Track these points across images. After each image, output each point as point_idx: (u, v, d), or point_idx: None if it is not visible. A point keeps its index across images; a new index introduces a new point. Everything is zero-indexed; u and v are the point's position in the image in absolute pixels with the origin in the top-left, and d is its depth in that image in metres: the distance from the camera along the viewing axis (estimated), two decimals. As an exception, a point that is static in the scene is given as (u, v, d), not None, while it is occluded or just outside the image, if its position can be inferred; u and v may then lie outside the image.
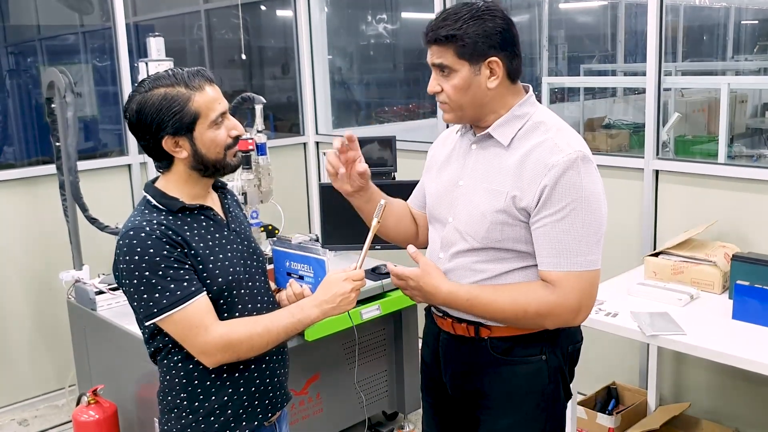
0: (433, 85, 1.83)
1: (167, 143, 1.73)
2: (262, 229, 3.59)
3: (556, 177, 1.71)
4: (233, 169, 1.83)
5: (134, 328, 1.89)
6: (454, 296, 1.82)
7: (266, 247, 3.31)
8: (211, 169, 1.80)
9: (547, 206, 1.73)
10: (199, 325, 1.71)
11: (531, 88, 1.89)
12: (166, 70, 1.76)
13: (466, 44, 1.74)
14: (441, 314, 1.97)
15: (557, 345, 1.89)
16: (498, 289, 1.82)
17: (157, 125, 1.71)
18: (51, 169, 3.81)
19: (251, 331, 1.75)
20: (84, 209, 3.54)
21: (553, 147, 1.75)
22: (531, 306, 1.77)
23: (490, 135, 1.84)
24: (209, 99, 1.74)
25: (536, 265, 1.81)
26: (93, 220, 3.55)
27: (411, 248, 1.85)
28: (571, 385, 2.00)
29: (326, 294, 1.81)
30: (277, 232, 3.67)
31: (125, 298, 1.80)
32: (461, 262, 1.88)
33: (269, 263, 2.64)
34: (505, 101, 1.83)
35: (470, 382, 1.95)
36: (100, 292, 3.26)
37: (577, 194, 1.72)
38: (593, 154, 1.83)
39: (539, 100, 1.90)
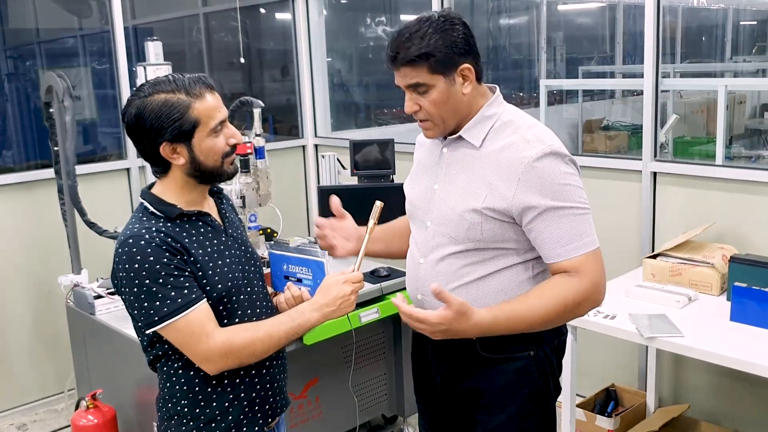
0: (410, 106, 1.84)
1: (165, 149, 1.73)
2: (261, 232, 3.59)
3: (531, 172, 1.74)
4: (230, 177, 1.83)
5: (133, 332, 1.89)
6: (491, 327, 1.76)
7: (265, 251, 3.31)
8: (208, 177, 1.79)
9: (536, 203, 1.75)
10: (201, 332, 1.70)
11: (497, 88, 1.91)
12: (166, 76, 1.74)
13: (438, 59, 1.75)
14: None
15: (544, 340, 1.91)
16: (526, 298, 1.79)
17: (156, 131, 1.70)
18: (49, 173, 3.81)
19: (252, 337, 1.75)
20: (82, 213, 3.54)
21: (525, 143, 1.77)
22: (569, 299, 1.77)
23: (460, 137, 1.86)
24: (209, 107, 1.74)
25: (521, 263, 1.84)
26: (91, 225, 3.55)
27: (435, 286, 1.70)
28: (560, 378, 2.02)
29: (326, 297, 1.81)
30: (275, 235, 3.67)
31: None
32: (444, 267, 1.88)
33: (266, 267, 2.64)
34: (475, 102, 1.85)
35: (461, 382, 1.96)
36: (99, 297, 3.26)
37: (559, 183, 1.75)
38: (591, 155, 1.84)
39: (537, 102, 1.92)
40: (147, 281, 1.67)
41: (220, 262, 1.80)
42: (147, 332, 1.74)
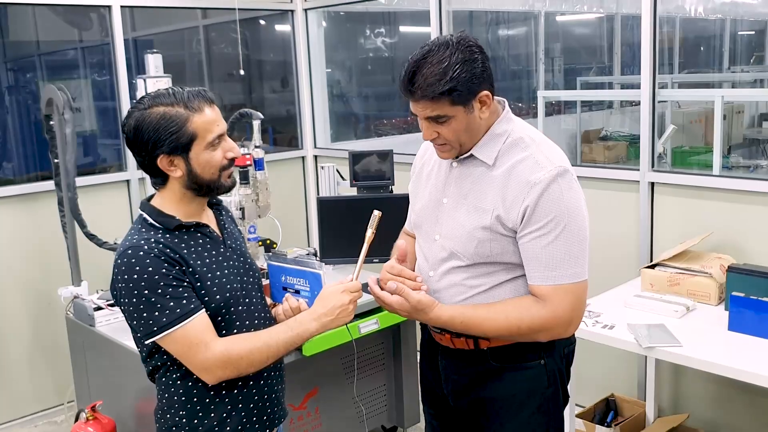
0: (428, 134, 1.82)
1: (162, 162, 1.74)
2: (260, 243, 3.60)
3: (539, 194, 1.74)
4: (227, 190, 1.85)
5: (133, 344, 1.89)
6: (450, 324, 1.86)
7: (264, 262, 3.32)
8: (205, 189, 1.81)
9: (532, 223, 1.76)
10: (199, 342, 1.71)
11: (506, 103, 1.90)
12: (167, 89, 1.76)
13: (461, 92, 1.72)
14: (438, 330, 1.98)
15: (554, 348, 1.93)
16: (490, 308, 1.84)
17: (154, 143, 1.72)
18: (50, 185, 3.82)
19: (251, 347, 1.76)
20: (82, 225, 3.55)
21: (534, 164, 1.78)
22: (524, 322, 1.80)
23: (472, 155, 1.85)
24: (207, 121, 1.75)
25: (521, 276, 1.85)
26: (91, 236, 3.56)
27: (390, 284, 1.86)
28: (567, 386, 2.03)
29: (324, 307, 1.82)
30: (275, 246, 3.68)
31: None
32: (452, 279, 1.90)
33: (265, 278, 2.65)
34: (487, 123, 1.85)
35: (472, 392, 1.97)
36: (99, 308, 3.26)
37: (560, 209, 1.75)
38: (590, 165, 1.86)
39: (536, 113, 1.93)
40: (146, 292, 1.68)
41: (218, 273, 1.81)
42: (146, 342, 1.75)
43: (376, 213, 1.91)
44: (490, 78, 1.79)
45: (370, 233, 1.89)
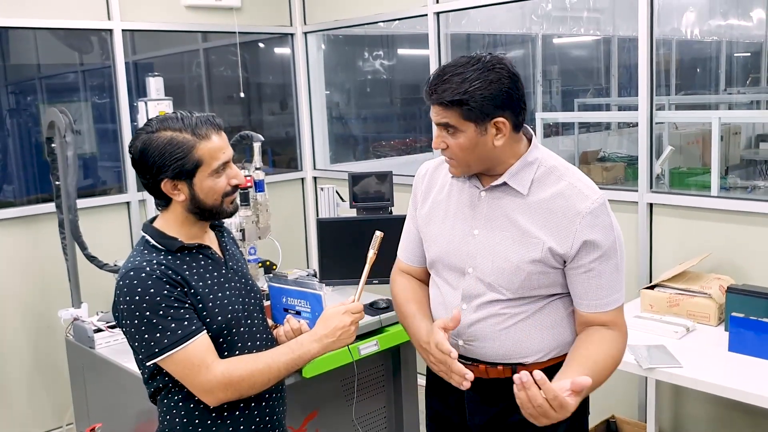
0: (438, 143, 1.81)
1: (166, 185, 1.76)
2: (260, 265, 3.60)
3: (592, 223, 1.76)
4: (229, 216, 1.86)
5: (132, 366, 1.90)
6: (589, 390, 1.70)
7: (264, 284, 3.32)
8: (207, 214, 1.82)
9: (589, 253, 1.77)
10: (201, 363, 1.71)
11: (532, 133, 1.88)
12: (175, 112, 1.77)
13: (472, 108, 1.70)
14: (471, 362, 1.89)
15: None
16: (588, 356, 1.76)
17: (158, 167, 1.73)
18: (50, 207, 3.83)
19: (252, 369, 1.76)
20: (83, 247, 3.55)
21: (579, 194, 1.78)
22: (619, 349, 1.83)
23: (505, 183, 1.82)
24: (214, 148, 1.76)
25: (557, 296, 1.84)
26: (92, 258, 3.56)
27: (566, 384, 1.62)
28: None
29: (326, 328, 1.82)
30: (275, 267, 3.68)
31: (123, 336, 1.81)
32: (491, 310, 1.85)
33: (266, 299, 2.65)
34: (513, 151, 1.82)
35: (508, 417, 1.88)
36: (99, 330, 3.25)
37: (612, 237, 1.79)
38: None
39: (534, 135, 1.92)
40: (148, 313, 1.69)
41: (220, 295, 1.81)
42: (148, 364, 1.75)
43: (378, 234, 1.91)
44: (514, 106, 1.75)
45: (372, 254, 1.89)
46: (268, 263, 3.67)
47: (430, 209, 1.98)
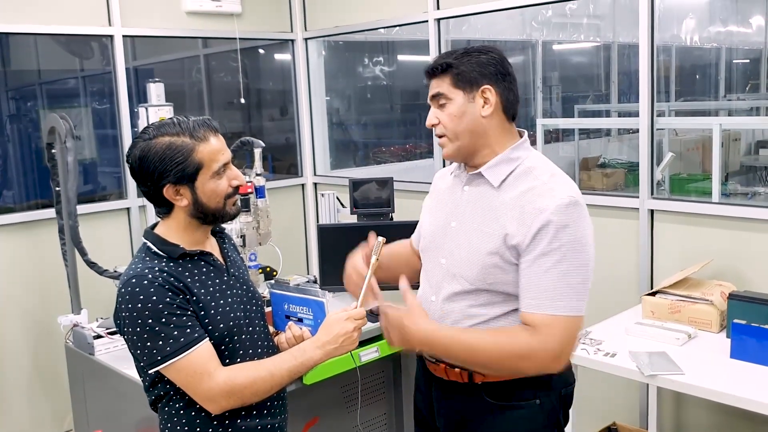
0: (431, 119, 1.89)
1: (168, 191, 1.75)
2: (261, 271, 3.60)
3: (547, 220, 1.73)
4: (232, 218, 1.85)
5: (132, 373, 1.89)
6: (433, 336, 1.80)
7: (264, 290, 3.31)
8: (211, 218, 1.81)
9: (536, 248, 1.74)
10: (203, 371, 1.71)
11: (526, 134, 1.91)
12: (171, 118, 1.77)
13: (461, 72, 1.82)
14: (434, 360, 1.96)
15: (551, 388, 1.89)
16: (479, 331, 1.82)
17: (160, 174, 1.73)
18: (50, 213, 3.82)
19: (255, 376, 1.75)
20: (83, 253, 3.54)
21: (547, 191, 1.77)
22: (513, 347, 1.75)
23: (480, 174, 1.86)
24: (213, 150, 1.76)
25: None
26: (92, 264, 3.55)
27: (403, 283, 1.85)
28: (566, 429, 1.99)
29: (328, 335, 1.81)
30: (275, 273, 3.68)
31: (123, 343, 1.80)
32: (455, 306, 1.88)
33: (267, 306, 2.64)
34: (500, 139, 1.86)
35: (465, 429, 1.93)
36: (99, 336, 3.24)
37: (567, 239, 1.73)
38: (589, 193, 1.86)
39: (534, 141, 1.94)
40: (150, 321, 1.68)
41: (222, 302, 1.81)
42: (149, 372, 1.75)
43: (380, 239, 1.91)
44: (500, 81, 1.84)
45: (374, 260, 1.89)
46: (268, 269, 3.66)
47: (430, 202, 2.09)
